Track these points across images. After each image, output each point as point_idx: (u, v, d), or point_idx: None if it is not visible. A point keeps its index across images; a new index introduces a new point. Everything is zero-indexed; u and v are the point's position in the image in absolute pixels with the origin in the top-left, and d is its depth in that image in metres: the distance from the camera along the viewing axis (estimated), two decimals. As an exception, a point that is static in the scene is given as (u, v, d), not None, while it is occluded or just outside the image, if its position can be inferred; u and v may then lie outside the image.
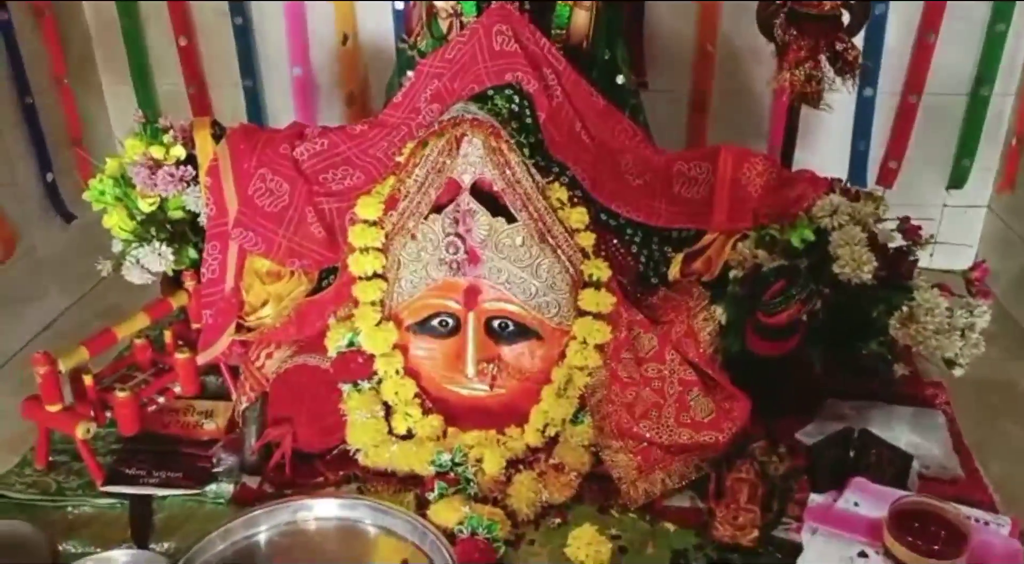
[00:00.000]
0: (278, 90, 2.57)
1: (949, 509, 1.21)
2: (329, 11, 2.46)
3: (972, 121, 2.56)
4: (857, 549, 1.22)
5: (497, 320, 1.45)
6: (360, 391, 1.47)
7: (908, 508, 1.22)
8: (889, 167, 2.63)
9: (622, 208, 1.57)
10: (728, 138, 2.43)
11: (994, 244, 2.66)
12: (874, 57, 2.48)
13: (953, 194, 2.66)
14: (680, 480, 1.41)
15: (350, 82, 2.53)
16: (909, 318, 1.30)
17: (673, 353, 1.44)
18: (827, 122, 2.59)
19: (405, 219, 1.43)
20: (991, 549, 1.19)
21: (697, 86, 2.53)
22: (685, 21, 2.44)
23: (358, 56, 2.51)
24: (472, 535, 1.30)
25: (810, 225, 1.40)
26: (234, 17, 2.45)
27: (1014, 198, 2.56)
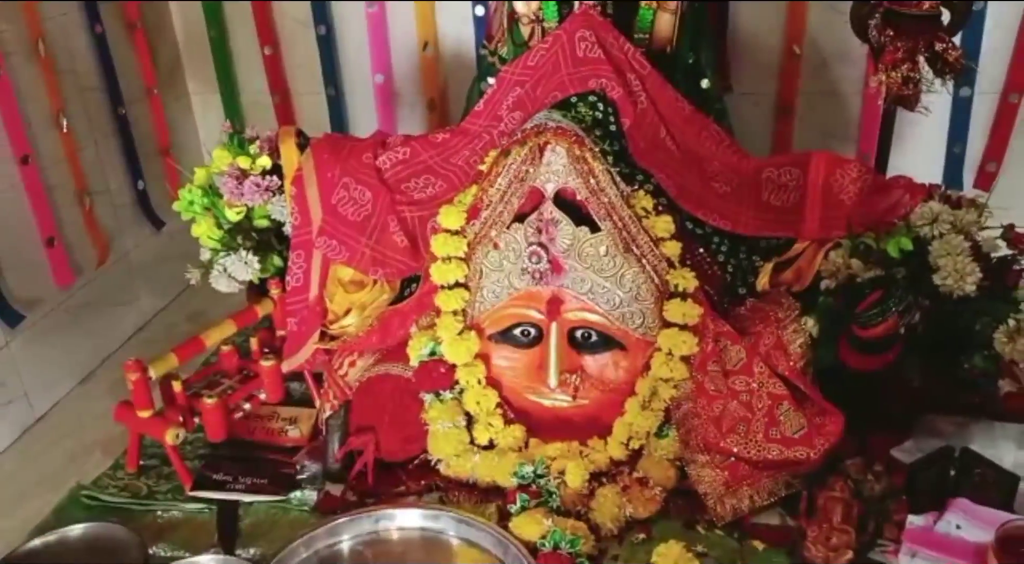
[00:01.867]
0: (360, 98, 2.60)
1: (1061, 536, 1.14)
2: (410, 18, 2.47)
3: (1074, 121, 2.44)
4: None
5: (580, 330, 1.43)
6: (442, 401, 1.46)
7: (1016, 533, 1.15)
8: (987, 170, 2.51)
9: (709, 216, 1.53)
10: (815, 142, 2.37)
11: (1101, 250, 2.53)
12: (971, 56, 2.37)
13: (1055, 198, 2.54)
14: (769, 497, 1.36)
15: (431, 89, 2.54)
16: (1017, 332, 1.23)
17: (762, 366, 1.40)
18: (920, 124, 2.48)
19: (488, 228, 1.42)
20: (1108, 579, 1.12)
21: (783, 89, 2.46)
22: (771, 22, 2.37)
23: (439, 63, 2.51)
24: (555, 549, 1.28)
25: (908, 234, 1.34)
26: (317, 26, 2.49)
27: (1123, 202, 2.42)
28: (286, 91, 2.59)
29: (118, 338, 2.14)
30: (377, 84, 2.55)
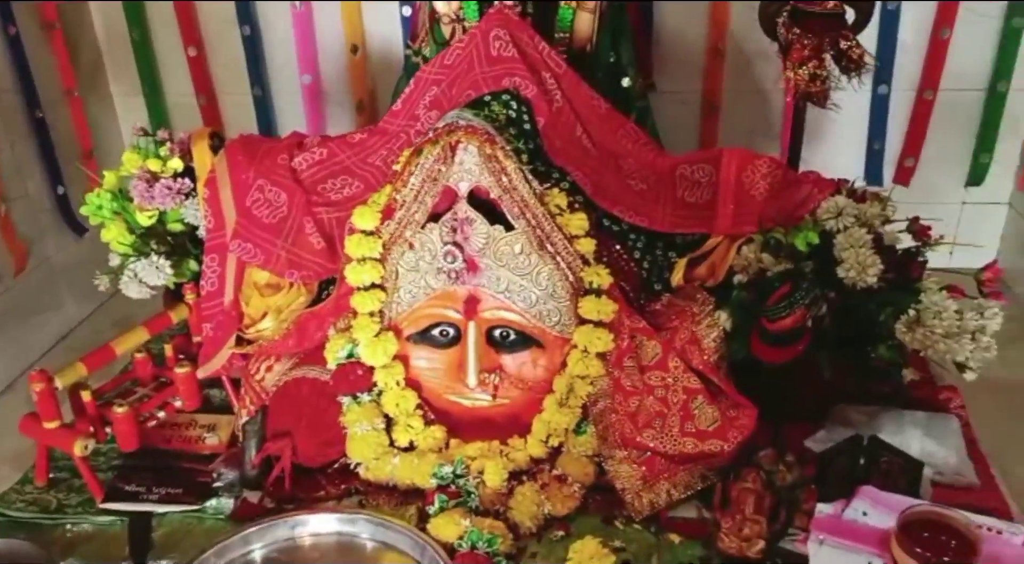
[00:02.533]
0: (288, 99, 2.57)
1: (959, 518, 1.17)
2: (337, 18, 2.45)
3: (990, 117, 2.50)
4: (864, 560, 1.18)
5: (498, 329, 1.43)
6: (360, 403, 1.45)
7: (917, 517, 1.18)
8: (906, 165, 2.58)
9: (625, 213, 1.54)
10: (740, 140, 2.40)
11: (1015, 241, 2.60)
12: (888, 54, 2.43)
13: (972, 191, 2.60)
14: (685, 490, 1.38)
15: (359, 90, 2.52)
16: (916, 322, 1.27)
17: (677, 361, 1.41)
18: (842, 121, 2.54)
19: (402, 229, 1.41)
20: (1002, 559, 1.15)
21: (708, 87, 2.49)
22: (695, 22, 2.40)
23: (367, 63, 2.50)
24: (472, 549, 1.28)
25: (815, 228, 1.36)
26: (242, 26, 2.45)
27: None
28: (212, 92, 2.55)
29: (40, 347, 2.08)
30: (305, 85, 2.52)
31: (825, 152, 2.54)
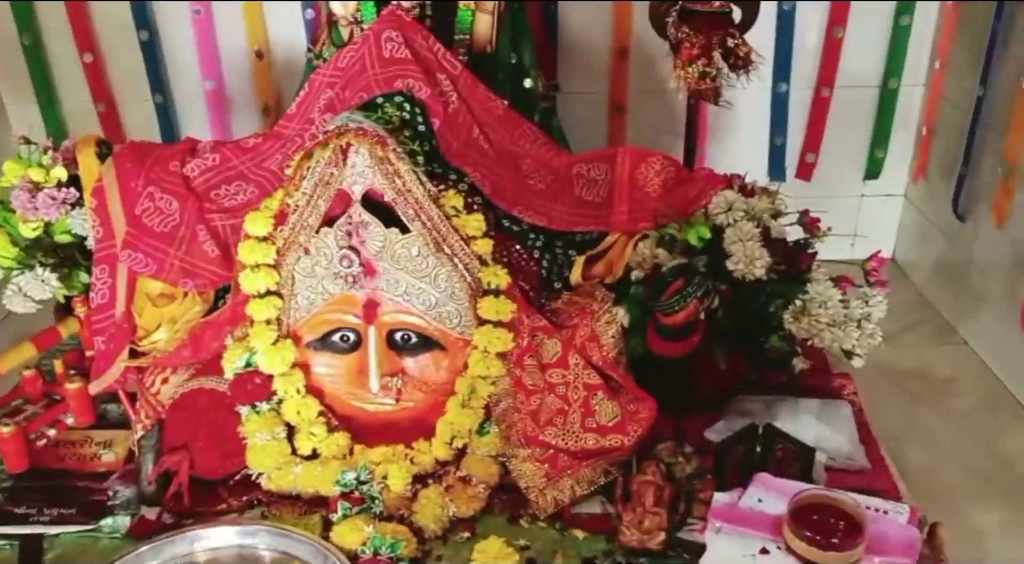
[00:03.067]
0: (191, 105, 2.52)
1: (847, 501, 1.21)
2: (239, 21, 2.41)
3: (883, 113, 2.60)
4: (759, 546, 1.21)
5: (399, 332, 1.42)
6: (259, 413, 1.42)
7: (807, 502, 1.22)
8: (807, 161, 2.66)
9: (524, 213, 1.55)
10: (647, 138, 2.44)
11: (912, 233, 2.70)
12: (786, 53, 2.51)
13: (870, 184, 2.70)
14: (589, 486, 1.39)
15: (265, 94, 2.49)
16: (803, 311, 1.30)
17: (577, 357, 1.42)
18: (745, 119, 2.62)
19: (296, 234, 1.39)
20: (888, 537, 1.19)
21: (614, 88, 2.53)
22: (599, 22, 2.43)
23: (271, 67, 2.46)
24: (375, 555, 1.27)
25: (706, 223, 1.39)
26: (139, 30, 2.39)
27: (927, 187, 2.60)
28: (111, 100, 2.48)
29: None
30: (208, 90, 2.48)
31: (730, 150, 2.61)
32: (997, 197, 2.21)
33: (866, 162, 2.67)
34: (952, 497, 1.81)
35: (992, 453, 1.95)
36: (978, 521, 1.76)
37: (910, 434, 1.96)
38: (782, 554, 1.19)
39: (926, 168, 2.59)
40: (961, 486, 1.84)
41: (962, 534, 1.70)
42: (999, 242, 2.22)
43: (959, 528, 1.72)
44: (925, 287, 2.58)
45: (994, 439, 1.99)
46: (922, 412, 2.08)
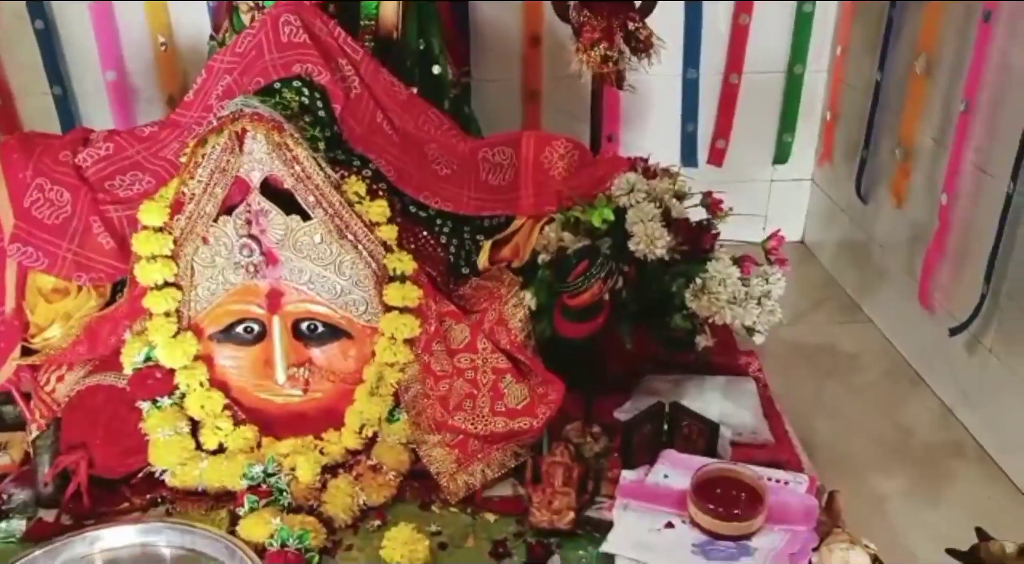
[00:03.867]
0: (92, 97, 2.44)
1: (748, 473, 1.24)
2: (140, 10, 2.35)
3: (790, 98, 2.67)
4: (665, 520, 1.23)
5: (304, 322, 1.40)
6: (161, 408, 1.39)
7: (710, 476, 1.24)
8: (717, 147, 2.71)
9: (431, 199, 1.54)
10: (563, 125, 2.45)
11: (819, 215, 2.78)
12: (695, 40, 2.55)
13: (779, 169, 2.77)
14: (500, 469, 1.39)
15: (169, 84, 2.42)
16: (702, 289, 1.32)
17: (485, 342, 1.42)
18: (657, 106, 2.65)
19: (193, 223, 1.36)
20: (789, 506, 1.22)
21: (527, 75, 2.54)
22: (511, 10, 2.43)
23: (176, 56, 2.40)
24: (282, 547, 1.25)
25: (609, 205, 1.40)
26: (34, 21, 2.31)
27: (832, 170, 2.67)
28: (7, 92, 2.39)
29: None
30: (109, 81, 2.40)
31: (644, 137, 2.64)
32: (895, 178, 2.29)
33: (775, 147, 2.74)
34: (856, 466, 1.88)
35: (894, 423, 2.02)
36: (880, 488, 1.83)
37: (818, 407, 2.02)
38: (686, 527, 1.22)
39: (831, 152, 2.66)
40: (865, 455, 1.91)
41: (865, 501, 1.76)
42: (898, 222, 2.30)
43: (863, 495, 1.79)
44: (832, 267, 2.66)
45: (895, 410, 2.06)
46: (829, 386, 2.15)
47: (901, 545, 1.62)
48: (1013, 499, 1.80)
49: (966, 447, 1.94)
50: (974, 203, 1.98)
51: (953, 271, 2.05)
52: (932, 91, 2.15)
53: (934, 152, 2.13)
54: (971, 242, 1.97)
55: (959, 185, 2.01)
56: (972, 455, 1.92)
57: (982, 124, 1.96)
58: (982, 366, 1.95)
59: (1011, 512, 1.76)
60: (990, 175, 1.92)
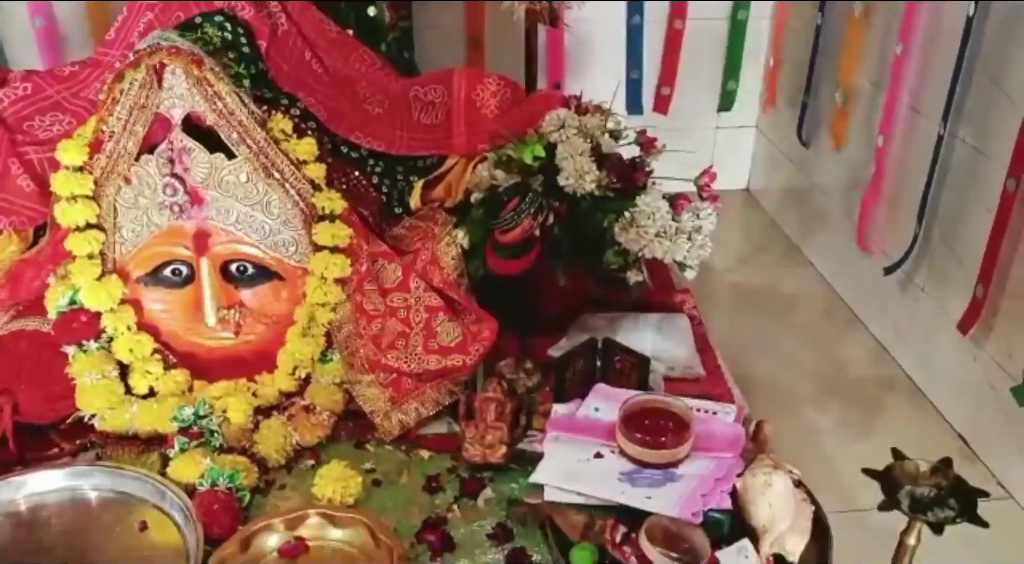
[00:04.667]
0: (20, 43, 2.37)
1: (676, 404, 1.25)
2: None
3: (734, 45, 2.67)
4: (594, 451, 1.24)
5: (234, 263, 1.39)
6: (87, 352, 1.37)
7: (639, 407, 1.25)
8: (663, 94, 2.71)
9: (362, 139, 1.52)
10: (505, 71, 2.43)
11: (763, 161, 2.80)
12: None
13: (724, 116, 2.78)
14: (434, 407, 1.39)
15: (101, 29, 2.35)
16: (631, 223, 1.33)
17: (418, 281, 1.42)
18: (602, 53, 2.64)
19: (114, 162, 1.33)
20: (716, 435, 1.24)
21: (469, 21, 2.51)
22: (452, -46, 2.40)
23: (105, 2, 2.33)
24: (212, 487, 1.24)
25: (540, 141, 1.39)
26: (-45, -35, 2.22)
27: (776, 117, 2.69)
28: (-68, 39, 2.31)
29: None
30: (38, 28, 2.33)
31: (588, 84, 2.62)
32: (835, 122, 2.31)
33: (719, 95, 2.74)
34: (793, 401, 1.92)
35: (830, 360, 2.07)
36: (815, 422, 1.88)
37: (758, 347, 2.07)
38: (615, 456, 1.23)
39: (775, 98, 2.68)
40: (801, 391, 1.96)
41: (800, 434, 1.81)
42: (838, 165, 2.33)
43: (797, 429, 1.84)
44: (775, 212, 2.69)
45: (831, 348, 2.11)
46: (769, 326, 2.19)
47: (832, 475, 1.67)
48: (940, 429, 1.86)
49: (897, 382, 1.99)
50: (908, 145, 2.01)
51: (888, 212, 2.09)
52: (870, 34, 2.16)
53: (872, 95, 2.15)
54: (905, 183, 2.00)
55: (894, 127, 2.04)
56: (903, 389, 1.97)
57: (916, 66, 1.98)
58: (914, 304, 1.99)
59: (938, 441, 1.82)
60: (924, 116, 1.95)
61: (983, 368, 1.78)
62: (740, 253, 2.51)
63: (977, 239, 1.72)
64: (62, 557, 1.18)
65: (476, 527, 1.22)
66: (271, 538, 1.18)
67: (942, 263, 1.90)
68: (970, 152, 1.80)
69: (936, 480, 1.10)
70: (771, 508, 1.12)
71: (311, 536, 1.19)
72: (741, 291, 2.31)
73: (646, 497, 1.15)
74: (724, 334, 1.75)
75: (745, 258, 2.50)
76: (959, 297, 1.81)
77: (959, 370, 1.85)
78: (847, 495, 1.57)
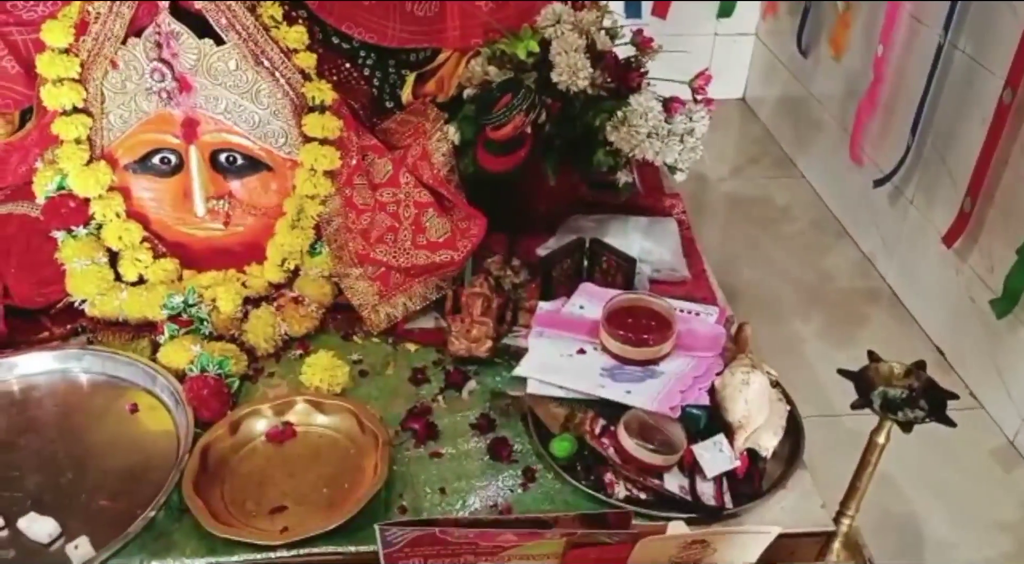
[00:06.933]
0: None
1: (659, 303, 1.27)
2: None
3: (736, -54, 2.61)
4: (577, 347, 1.26)
5: (223, 153, 1.38)
6: (76, 238, 1.37)
7: (623, 305, 1.27)
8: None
9: (353, 30, 1.48)
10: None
11: (760, 71, 2.76)
12: None
13: (723, 23, 2.73)
14: (421, 302, 1.41)
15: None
16: (622, 122, 1.32)
17: (408, 176, 1.41)
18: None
19: (100, 45, 1.30)
20: (697, 334, 1.27)
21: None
22: None
23: None
24: (202, 372, 1.26)
25: (535, 36, 1.37)
26: None
27: (777, 24, 2.64)
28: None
29: None
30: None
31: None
32: (836, 30, 2.28)
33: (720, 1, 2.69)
34: (777, 310, 1.95)
35: (816, 271, 2.09)
36: (798, 330, 1.91)
37: (747, 256, 2.08)
38: (597, 353, 1.26)
39: (776, 5, 2.62)
40: (786, 300, 1.99)
41: (783, 341, 1.85)
42: (836, 75, 2.30)
43: (781, 336, 1.88)
44: (770, 123, 2.67)
45: (819, 259, 2.13)
46: (759, 237, 2.20)
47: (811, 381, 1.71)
48: (919, 340, 1.90)
49: (881, 294, 2.02)
50: (908, 54, 1.98)
51: (883, 123, 2.08)
52: (876, -63, 2.11)
53: (874, 2, 2.11)
54: (902, 93, 1.98)
55: (895, 35, 2.01)
56: (886, 301, 2.00)
57: (921, -28, 1.94)
58: (902, 217, 2.01)
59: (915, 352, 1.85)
60: (925, 24, 1.91)
61: (965, 281, 1.81)
62: (733, 163, 2.51)
63: (970, 152, 1.72)
64: (53, 437, 1.21)
65: (459, 417, 1.25)
66: (259, 423, 1.21)
67: (933, 176, 1.90)
68: (968, 63, 1.78)
69: (908, 382, 1.13)
70: (747, 405, 1.15)
71: (298, 422, 1.22)
72: (733, 201, 2.32)
73: (626, 392, 1.18)
74: (714, 243, 1.77)
75: (738, 168, 2.50)
76: (947, 210, 1.82)
77: (941, 283, 1.88)
78: (824, 400, 1.62)
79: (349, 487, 1.13)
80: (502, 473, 1.17)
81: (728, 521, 1.09)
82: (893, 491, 1.69)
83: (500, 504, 1.13)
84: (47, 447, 1.19)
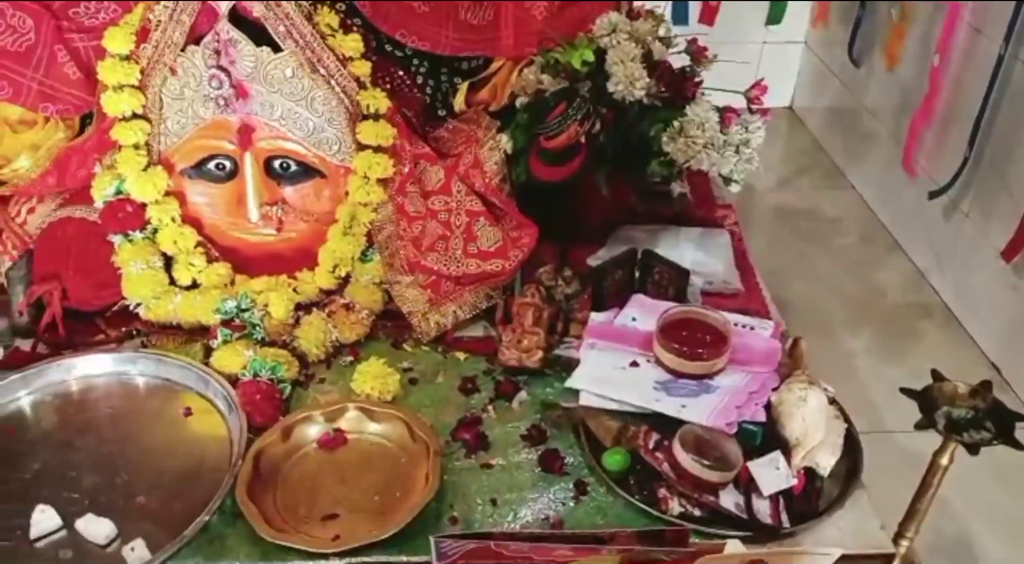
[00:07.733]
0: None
1: (714, 317, 1.25)
2: None
3: (787, -45, 2.58)
4: (630, 359, 1.25)
5: (277, 160, 1.39)
6: (132, 242, 1.39)
7: (677, 318, 1.26)
8: (710, 5, 2.63)
9: (407, 38, 1.49)
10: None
11: (809, 79, 2.73)
12: None
13: (772, 31, 2.70)
14: (472, 310, 1.41)
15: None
16: (679, 132, 1.30)
17: (460, 184, 1.41)
18: (650, -40, 2.56)
19: (160, 52, 1.32)
20: (753, 349, 1.25)
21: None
22: None
23: None
24: (255, 377, 1.27)
25: (590, 45, 1.36)
26: None
27: (827, 32, 2.61)
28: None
29: None
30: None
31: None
32: (890, 40, 2.24)
33: (769, 7, 2.66)
34: (828, 324, 1.92)
35: (867, 285, 2.06)
36: (849, 345, 1.88)
37: (797, 269, 2.06)
38: (651, 366, 1.24)
39: (826, 13, 2.59)
40: (837, 314, 1.95)
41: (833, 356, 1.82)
42: (889, 85, 2.26)
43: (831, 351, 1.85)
44: (819, 133, 2.64)
45: (870, 273, 2.10)
46: (809, 249, 2.18)
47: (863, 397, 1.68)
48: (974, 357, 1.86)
49: (934, 309, 1.98)
50: (966, 64, 1.94)
51: (938, 135, 2.04)
52: (933, -53, 2.07)
53: (931, 12, 2.07)
54: (959, 105, 1.95)
55: (953, 45, 1.97)
56: (939, 317, 1.96)
57: (981, -18, 1.90)
58: (957, 231, 1.97)
59: (971, 369, 1.82)
60: (984, 35, 1.88)
61: (1022, 297, 1.77)
62: (781, 174, 2.48)
63: (1030, 165, 1.69)
64: (109, 438, 1.23)
65: (510, 428, 1.25)
66: (311, 429, 1.21)
67: (990, 189, 1.86)
68: (1031, 75, 1.74)
69: (974, 402, 1.11)
70: (805, 422, 1.13)
71: (350, 429, 1.22)
72: (782, 213, 2.29)
73: (681, 406, 1.16)
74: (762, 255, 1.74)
75: (786, 179, 2.47)
76: (1003, 225, 1.78)
77: (998, 299, 1.84)
78: (876, 417, 1.58)
79: (401, 496, 1.12)
80: (553, 486, 1.16)
81: (784, 540, 1.07)
82: (946, 511, 1.66)
83: (551, 517, 1.12)
84: (103, 448, 1.21)
